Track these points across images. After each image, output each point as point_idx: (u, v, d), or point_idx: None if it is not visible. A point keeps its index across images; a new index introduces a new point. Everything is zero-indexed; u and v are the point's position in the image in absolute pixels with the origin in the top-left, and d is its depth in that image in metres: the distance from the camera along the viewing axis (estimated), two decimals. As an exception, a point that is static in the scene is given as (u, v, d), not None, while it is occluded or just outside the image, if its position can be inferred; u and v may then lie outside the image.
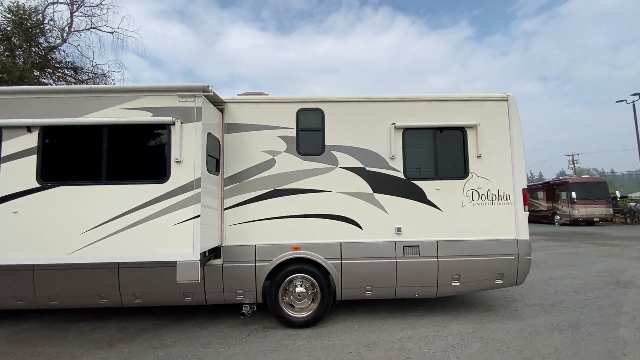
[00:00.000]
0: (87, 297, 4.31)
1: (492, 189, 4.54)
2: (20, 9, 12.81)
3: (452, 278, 4.45)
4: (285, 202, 4.42)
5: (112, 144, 3.66)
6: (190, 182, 3.56)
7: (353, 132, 4.57)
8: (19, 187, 3.56)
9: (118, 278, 4.25)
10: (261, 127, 4.52)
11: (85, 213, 3.52)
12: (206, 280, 4.32)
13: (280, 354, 3.65)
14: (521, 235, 4.50)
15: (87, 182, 3.62)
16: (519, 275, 4.51)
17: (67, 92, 3.69)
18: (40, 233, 3.51)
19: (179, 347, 3.91)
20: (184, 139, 3.59)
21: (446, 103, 4.67)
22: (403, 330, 4.25)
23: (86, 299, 4.33)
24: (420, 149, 4.63)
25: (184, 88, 3.63)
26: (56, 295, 4.29)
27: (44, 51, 13.84)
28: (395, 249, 4.42)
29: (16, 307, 4.33)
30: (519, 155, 4.61)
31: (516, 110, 4.68)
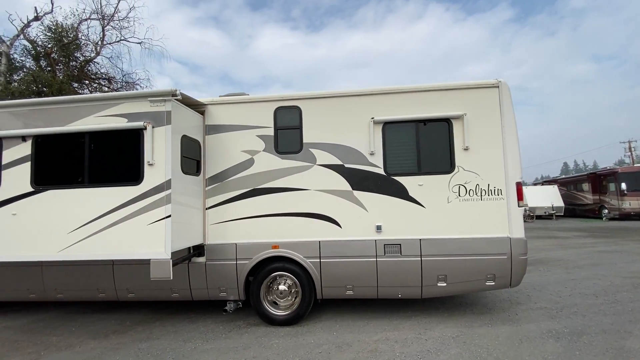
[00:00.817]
0: (87, 291, 4.68)
1: (481, 184, 4.22)
2: (58, 26, 14.07)
3: (437, 278, 4.21)
4: (264, 201, 4.45)
5: (93, 150, 3.92)
6: (161, 184, 3.71)
7: (331, 129, 4.48)
8: (16, 191, 3.95)
9: (113, 274, 4.56)
10: (240, 127, 4.57)
11: (71, 214, 3.81)
12: (191, 277, 4.49)
13: (251, 351, 3.70)
14: (515, 233, 4.14)
15: (73, 186, 3.92)
16: (512, 276, 4.16)
17: (54, 103, 4.01)
18: (34, 233, 3.86)
19: (163, 340, 4.12)
20: (156, 142, 3.74)
21: (429, 93, 4.40)
22: (384, 331, 4.11)
23: (87, 293, 4.70)
24: (402, 143, 4.41)
25: (154, 93, 3.78)
26: (61, 289, 4.71)
27: (81, 64, 15.09)
28: (376, 248, 4.27)
29: (29, 299, 4.81)
30: (513, 146, 4.23)
31: (509, 97, 4.30)
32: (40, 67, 13.92)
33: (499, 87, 4.28)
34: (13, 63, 12.91)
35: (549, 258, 8.43)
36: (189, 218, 4.13)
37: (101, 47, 15.25)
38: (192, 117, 4.31)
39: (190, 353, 3.73)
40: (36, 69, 13.48)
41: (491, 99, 4.29)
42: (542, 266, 7.49)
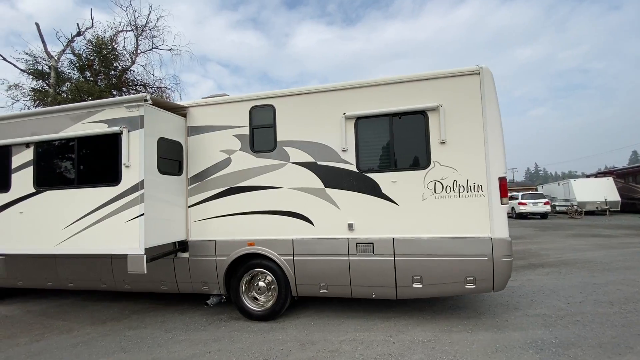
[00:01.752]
0: (92, 281, 5.16)
1: (459, 179, 3.93)
2: (99, 40, 15.44)
3: (412, 279, 4.02)
4: (241, 199, 4.56)
5: (81, 153, 4.29)
6: (136, 184, 3.96)
7: (304, 126, 4.44)
8: (23, 192, 4.46)
9: (112, 267, 4.97)
10: (218, 127, 4.71)
11: (64, 213, 4.22)
12: (176, 271, 4.76)
13: (219, 344, 3.84)
14: (497, 233, 3.80)
15: (65, 187, 4.33)
16: (495, 280, 3.83)
17: (50, 112, 4.44)
18: (36, 229, 4.35)
19: (149, 329, 4.42)
20: (131, 145, 3.99)
21: (404, 85, 4.17)
22: (355, 331, 4.03)
23: (91, 283, 5.18)
24: (375, 138, 4.25)
25: (128, 100, 4.03)
26: (71, 279, 5.24)
27: (119, 73, 16.45)
28: (348, 246, 4.18)
29: (47, 287, 5.43)
30: (495, 138, 3.88)
31: (491, 84, 3.93)
32: (85, 78, 15.42)
33: (479, 74, 3.93)
34: (61, 75, 14.42)
35: (578, 259, 7.60)
36: (167, 215, 4.36)
37: (135, 55, 16.47)
38: (171, 120, 4.52)
39: (166, 343, 3.96)
40: (80, 80, 14.94)
41: (471, 87, 3.95)
42: (565, 268, 6.79)
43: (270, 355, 3.54)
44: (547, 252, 8.78)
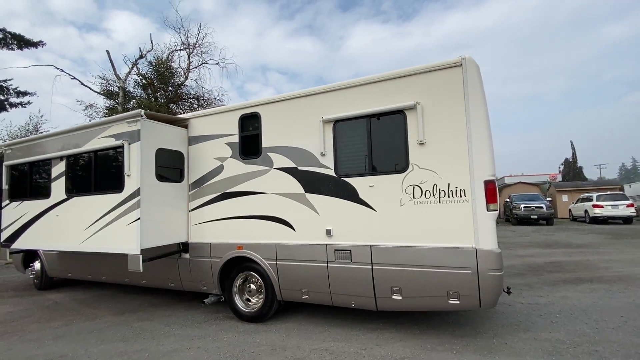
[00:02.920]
0: (118, 276, 5.86)
1: (440, 183, 3.58)
2: (158, 60, 17.40)
3: (391, 290, 3.77)
4: (231, 204, 4.77)
5: (97, 164, 4.93)
6: (135, 191, 4.41)
7: (286, 132, 4.48)
8: (58, 198, 5.28)
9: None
10: (213, 136, 5.00)
11: (85, 216, 4.89)
12: (180, 270, 5.16)
13: (203, 341, 4.06)
14: (483, 244, 3.37)
15: (86, 193, 5.00)
16: (482, 296, 3.40)
17: (77, 129, 5.18)
18: (67, 229, 5.11)
19: (154, 322, 4.86)
20: (132, 157, 4.46)
21: (381, 84, 3.95)
22: (333, 341, 3.92)
23: (117, 277, 5.88)
24: (354, 141, 4.09)
25: (128, 116, 4.51)
26: (104, 273, 6.02)
27: (175, 88, 18.30)
28: (327, 253, 4.09)
29: (88, 279, 6.31)
30: (481, 136, 3.45)
31: (476, 76, 3.51)
32: (147, 95, 17.51)
33: (462, 66, 3.54)
34: (127, 94, 16.58)
35: (632, 276, 6.29)
36: (165, 219, 4.76)
37: (188, 72, 18.16)
38: (170, 132, 4.93)
39: (160, 336, 4.32)
40: (143, 97, 17.00)
41: (453, 81, 3.58)
42: (618, 285, 5.69)
43: (240, 356, 3.63)
44: (608, 264, 7.43)
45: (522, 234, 14.72)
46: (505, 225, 19.91)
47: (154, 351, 3.86)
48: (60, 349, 4.01)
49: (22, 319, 5.18)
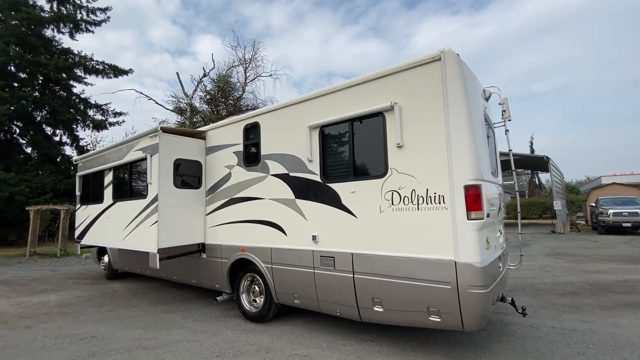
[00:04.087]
0: (155, 271, 6.66)
1: (418, 189, 3.31)
2: (219, 77, 19.25)
3: (372, 301, 3.60)
4: (237, 208, 5.08)
5: (131, 174, 5.72)
6: (154, 197, 5.03)
7: (280, 139, 4.62)
8: (108, 203, 6.27)
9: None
10: (224, 146, 5.40)
11: (124, 218, 5.72)
12: (199, 268, 5.67)
13: (204, 335, 4.40)
14: (463, 256, 3.02)
15: (125, 199, 5.84)
16: (463, 315, 3.03)
17: (119, 144, 6.10)
18: (113, 229, 6.03)
19: (176, 314, 5.43)
20: (153, 167, 5.10)
21: (363, 86, 3.82)
22: (317, 348, 3.90)
23: (155, 272, 6.69)
24: (338, 146, 4.03)
25: (149, 131, 5.17)
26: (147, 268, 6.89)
27: (234, 101, 19.99)
28: (313, 259, 4.10)
29: (138, 272, 7.32)
30: (461, 136, 3.11)
31: (457, 71, 3.17)
32: (211, 109, 19.47)
33: (441, 61, 3.24)
34: (194, 110, 18.67)
35: None
36: (183, 222, 5.29)
37: (245, 85, 19.67)
38: (187, 144, 5.47)
39: (173, 326, 4.82)
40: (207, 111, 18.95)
41: (432, 78, 3.29)
42: None
43: (226, 353, 3.86)
44: None
45: (605, 244, 12.29)
46: (590, 234, 16.81)
47: (161, 340, 4.32)
48: (96, 330, 4.76)
49: (83, 302, 6.27)
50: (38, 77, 19.21)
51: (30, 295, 6.94)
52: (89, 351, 4.02)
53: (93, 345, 4.21)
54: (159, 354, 3.89)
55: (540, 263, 8.86)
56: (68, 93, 20.49)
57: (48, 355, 3.94)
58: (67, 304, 6.21)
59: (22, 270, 9.94)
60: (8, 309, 5.92)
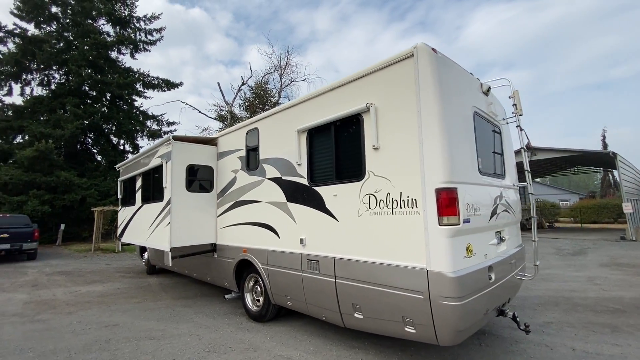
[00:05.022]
0: (180, 268, 7.21)
1: (393, 192, 3.17)
2: (257, 85, 20.13)
3: (353, 307, 3.52)
4: (240, 211, 5.31)
5: (154, 179, 6.27)
6: (168, 200, 5.47)
7: (275, 144, 4.72)
8: (138, 205, 6.95)
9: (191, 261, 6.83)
10: (231, 151, 5.67)
11: (149, 219, 6.29)
12: (212, 267, 6.02)
13: (205, 330, 4.66)
14: (435, 265, 2.82)
15: (149, 202, 6.42)
16: (437, 328, 2.82)
17: (144, 153, 6.72)
18: (141, 229, 6.67)
19: (190, 309, 5.82)
20: (167, 173, 5.55)
21: (343, 88, 3.76)
22: (303, 352, 3.91)
23: (180, 269, 7.24)
24: (322, 150, 4.01)
25: (165, 140, 5.63)
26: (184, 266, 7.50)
27: (271, 106, 20.71)
28: (301, 262, 4.12)
29: (168, 268, 7.97)
30: (433, 136, 2.91)
31: (429, 68, 2.98)
32: (250, 116, 20.42)
33: (413, 57, 3.07)
34: (234, 117, 19.74)
35: None
36: (194, 223, 5.66)
37: (281, 90, 20.30)
38: (200, 150, 5.85)
39: (184, 320, 5.17)
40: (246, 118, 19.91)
41: (405, 76, 3.14)
42: None
43: (216, 349, 4.06)
44: None
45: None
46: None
47: (168, 332, 4.68)
48: (120, 319, 5.31)
49: (120, 294, 7.01)
50: (106, 94, 21.91)
51: (82, 285, 7.95)
52: (106, 338, 4.50)
53: (112, 332, 4.71)
54: (161, 345, 4.22)
55: (591, 274, 7.77)
56: (129, 107, 23.00)
57: (74, 338, 4.50)
58: (107, 294, 7.00)
59: (84, 263, 11.42)
60: (61, 297, 6.85)
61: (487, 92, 3.84)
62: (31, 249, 11.62)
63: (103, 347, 4.16)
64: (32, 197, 16.16)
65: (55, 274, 9.35)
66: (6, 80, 19.25)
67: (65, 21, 20.45)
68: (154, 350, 4.04)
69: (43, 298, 6.71)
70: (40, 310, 5.87)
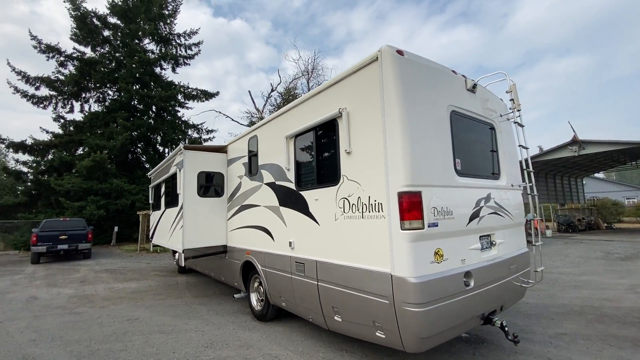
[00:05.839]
0: (202, 268, 7.71)
1: (363, 196, 3.18)
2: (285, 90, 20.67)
3: (333, 310, 3.57)
4: (245, 214, 5.58)
5: (173, 186, 6.80)
6: (181, 205, 5.92)
7: (270, 150, 4.91)
8: (162, 209, 7.56)
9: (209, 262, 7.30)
10: (237, 158, 5.98)
11: (169, 222, 6.84)
12: (223, 267, 6.37)
13: (210, 327, 4.98)
14: (398, 270, 2.78)
15: (169, 206, 6.97)
16: (402, 335, 2.78)
17: (165, 162, 7.30)
18: (164, 231, 7.26)
19: (204, 307, 6.22)
20: (180, 180, 6.02)
21: (322, 94, 3.83)
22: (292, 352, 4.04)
23: (202, 269, 7.74)
24: (306, 155, 4.11)
25: (178, 149, 6.10)
26: (197, 265, 8.04)
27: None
28: (291, 264, 4.25)
29: (194, 268, 8.55)
30: (395, 139, 2.88)
31: (392, 70, 2.95)
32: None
33: (378, 60, 3.06)
34: (264, 122, 20.48)
35: None
36: (206, 226, 6.04)
37: (309, 94, 20.64)
38: (210, 158, 6.24)
39: (195, 317, 5.56)
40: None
41: (371, 80, 3.13)
42: None
43: (214, 345, 4.33)
44: None
45: None
46: None
47: (178, 327, 5.07)
48: (141, 314, 5.85)
49: (149, 291, 7.67)
50: (152, 107, 23.91)
51: (120, 282, 8.82)
52: (125, 330, 5.00)
53: (131, 325, 5.21)
54: (167, 339, 4.59)
55: (635, 282, 6.92)
56: (173, 117, 24.83)
57: (99, 330, 5.06)
58: (138, 291, 7.71)
59: (128, 262, 12.60)
60: (100, 292, 7.68)
61: (474, 89, 3.67)
62: (86, 248, 13.08)
63: (119, 339, 4.64)
64: (90, 203, 18.16)
65: (102, 272, 10.46)
66: (68, 99, 21.86)
67: (115, 43, 22.70)
68: (160, 344, 4.42)
69: (86, 293, 7.57)
70: (80, 303, 6.65)
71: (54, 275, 9.89)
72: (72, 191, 18.15)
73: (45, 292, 7.71)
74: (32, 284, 8.73)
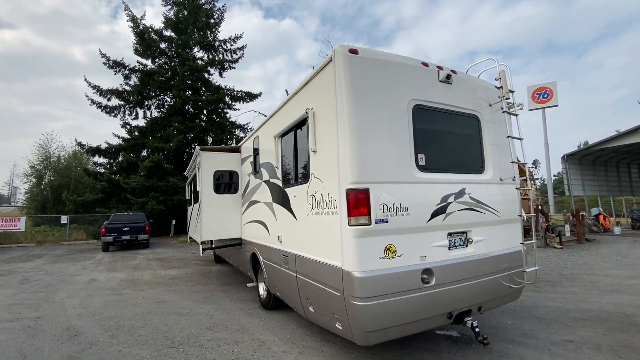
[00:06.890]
0: (226, 258, 8.38)
1: (324, 193, 3.30)
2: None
3: (307, 301, 3.75)
4: (252, 210, 5.98)
5: (194, 185, 7.49)
6: (200, 201, 6.54)
7: (266, 149, 5.21)
8: (192, 203, 8.36)
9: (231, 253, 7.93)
10: (247, 157, 6.40)
11: (194, 216, 7.57)
12: (239, 258, 6.89)
13: (221, 312, 5.49)
14: (347, 264, 2.87)
15: (195, 202, 7.69)
16: (352, 327, 2.87)
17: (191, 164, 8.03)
18: (193, 224, 8.04)
19: (224, 293, 6.80)
20: (199, 178, 6.65)
21: (299, 94, 3.97)
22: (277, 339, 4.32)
23: (227, 259, 8.41)
24: (289, 153, 4.30)
25: (197, 152, 6.72)
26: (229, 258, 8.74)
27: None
28: (280, 257, 4.51)
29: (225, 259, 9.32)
30: (344, 137, 2.94)
31: (344, 68, 3.00)
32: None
33: (332, 61, 3.13)
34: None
35: None
36: (221, 220, 6.59)
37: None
38: (225, 157, 6.77)
39: (211, 302, 6.14)
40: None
41: (329, 79, 3.22)
42: None
43: (215, 327, 4.79)
44: None
45: None
46: None
47: (193, 311, 5.67)
48: (169, 297, 6.62)
49: (184, 277, 8.57)
50: (203, 111, 25.95)
51: (165, 269, 9.95)
52: (150, 311, 5.74)
53: (157, 307, 5.96)
54: (179, 319, 5.19)
55: (700, 289, 5.85)
56: (222, 119, 26.67)
57: (132, 309, 5.89)
58: (176, 277, 8.65)
59: (177, 252, 14.06)
60: (145, 277, 8.79)
61: (448, 80, 3.51)
62: (144, 239, 14.90)
63: (142, 317, 5.36)
64: (151, 199, 20.50)
65: (153, 260, 11.86)
66: (133, 108, 24.75)
67: (170, 53, 25.04)
68: (173, 324, 5.02)
69: (134, 277, 8.73)
70: (126, 286, 7.72)
71: (115, 262, 11.50)
72: (136, 189, 20.65)
73: (104, 275, 9.06)
74: (97, 268, 10.30)
